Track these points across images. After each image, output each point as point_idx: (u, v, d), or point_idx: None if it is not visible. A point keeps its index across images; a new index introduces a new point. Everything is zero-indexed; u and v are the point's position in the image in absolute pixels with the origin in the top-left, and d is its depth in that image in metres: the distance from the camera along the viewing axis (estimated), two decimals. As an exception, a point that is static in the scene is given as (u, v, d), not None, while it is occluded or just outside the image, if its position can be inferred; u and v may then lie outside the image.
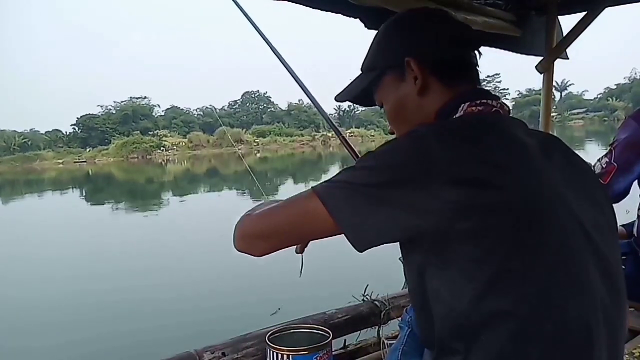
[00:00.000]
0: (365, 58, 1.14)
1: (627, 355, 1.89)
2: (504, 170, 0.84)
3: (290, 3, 1.97)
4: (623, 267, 2.20)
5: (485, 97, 0.99)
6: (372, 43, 1.12)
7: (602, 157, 2.14)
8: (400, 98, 1.06)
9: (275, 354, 1.63)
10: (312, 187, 0.92)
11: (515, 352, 0.83)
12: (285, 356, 1.62)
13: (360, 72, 1.15)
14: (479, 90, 1.02)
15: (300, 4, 2.03)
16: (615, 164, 2.07)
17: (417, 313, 1.00)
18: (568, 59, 2.83)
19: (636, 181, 2.19)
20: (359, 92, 1.15)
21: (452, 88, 1.01)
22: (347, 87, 1.18)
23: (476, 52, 1.08)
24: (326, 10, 2.09)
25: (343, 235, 0.88)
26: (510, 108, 1.04)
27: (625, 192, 2.14)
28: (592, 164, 2.14)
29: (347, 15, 2.12)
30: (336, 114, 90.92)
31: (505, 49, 2.74)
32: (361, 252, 0.88)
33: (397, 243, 0.93)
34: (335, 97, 1.20)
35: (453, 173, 0.81)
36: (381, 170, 0.85)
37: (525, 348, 0.83)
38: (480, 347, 0.84)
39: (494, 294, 0.82)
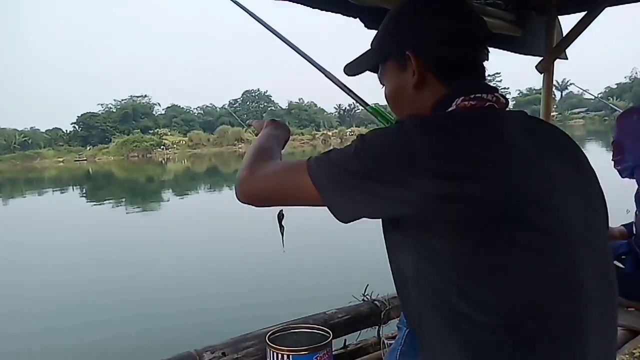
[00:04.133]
0: (376, 35, 1.13)
1: (627, 355, 1.89)
2: (484, 165, 0.84)
3: (290, 3, 1.96)
4: (623, 266, 2.22)
5: (480, 91, 0.97)
6: (382, 23, 1.12)
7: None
8: (398, 86, 1.07)
9: (275, 354, 1.63)
10: (307, 159, 0.97)
11: (501, 348, 0.84)
12: (285, 356, 1.63)
13: (370, 47, 1.15)
14: (475, 84, 1.00)
15: (301, 3, 2.03)
16: (613, 156, 2.32)
17: (398, 291, 1.03)
18: (568, 59, 2.82)
19: (635, 180, 2.21)
20: (364, 69, 1.16)
21: (449, 84, 1.01)
22: (355, 61, 1.18)
23: (484, 48, 1.06)
24: (326, 10, 2.08)
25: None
26: (509, 100, 1.04)
27: (628, 173, 2.30)
28: None
29: (347, 15, 2.12)
30: (336, 113, 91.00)
31: (505, 49, 2.74)
32: (345, 223, 0.95)
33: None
34: (345, 70, 1.20)
35: (432, 166, 0.83)
36: (366, 161, 0.88)
37: (511, 344, 0.84)
38: (462, 339, 0.86)
39: (476, 286, 0.84)
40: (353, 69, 1.18)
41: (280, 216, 1.47)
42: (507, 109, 1.02)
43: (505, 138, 0.90)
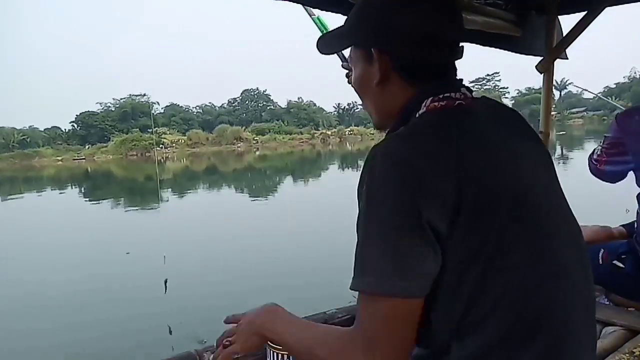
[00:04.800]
0: (347, 18, 1.07)
1: (627, 354, 1.89)
2: (478, 172, 0.85)
3: (290, 3, 1.96)
4: (622, 266, 2.23)
5: (447, 90, 0.95)
6: (354, 9, 1.07)
7: (601, 142, 2.31)
8: (364, 77, 1.04)
9: (275, 354, 1.63)
10: (353, 288, 0.86)
11: (501, 342, 0.85)
12: (285, 356, 1.62)
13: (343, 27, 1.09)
14: (442, 84, 0.97)
15: (301, 3, 2.03)
16: (605, 156, 2.26)
17: None
18: (568, 59, 2.82)
19: (634, 180, 2.20)
20: (337, 50, 1.13)
21: (415, 85, 0.98)
22: (328, 38, 1.13)
23: (457, 48, 1.02)
24: (326, 10, 2.08)
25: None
26: (473, 91, 1.01)
27: (617, 177, 2.30)
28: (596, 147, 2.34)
29: (347, 15, 2.12)
30: (335, 112, 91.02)
31: (505, 49, 2.74)
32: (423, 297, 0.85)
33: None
34: (318, 46, 1.13)
35: (436, 189, 0.82)
36: (385, 220, 0.83)
37: (509, 336, 0.85)
38: (469, 340, 0.86)
39: (483, 292, 0.84)
40: (326, 47, 1.13)
41: None
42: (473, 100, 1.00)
43: (480, 134, 0.92)
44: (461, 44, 1.03)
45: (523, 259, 0.86)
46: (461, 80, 1.01)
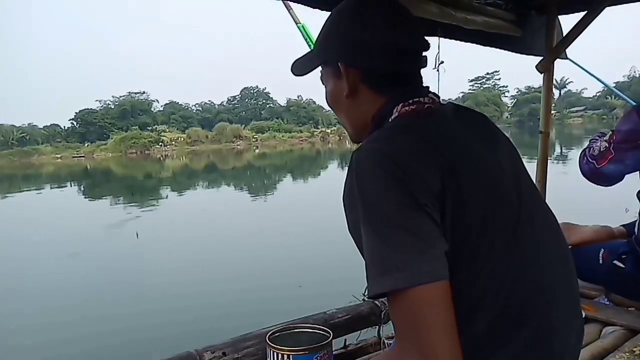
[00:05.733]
0: (317, 37, 1.12)
1: (627, 354, 1.90)
2: (455, 166, 0.87)
3: (290, 3, 1.96)
4: (623, 266, 2.22)
5: (416, 95, 1.00)
6: (322, 27, 1.10)
7: (603, 138, 2.16)
8: (334, 92, 1.09)
9: (275, 353, 1.63)
10: (382, 291, 0.83)
11: (488, 333, 0.87)
12: (285, 356, 1.62)
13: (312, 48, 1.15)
14: (411, 90, 1.01)
15: (301, 3, 2.03)
16: (612, 152, 2.09)
17: None
18: (567, 59, 2.83)
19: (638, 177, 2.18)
20: (308, 70, 1.14)
21: (384, 94, 1.02)
22: (300, 61, 1.16)
23: (421, 58, 1.06)
24: (326, 10, 2.08)
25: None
26: (440, 97, 1.06)
27: (613, 181, 2.16)
28: (592, 140, 2.21)
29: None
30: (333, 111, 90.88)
31: (505, 49, 2.74)
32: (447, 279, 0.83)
33: None
34: (292, 69, 1.17)
35: (424, 180, 0.84)
36: (387, 214, 0.83)
37: (495, 327, 0.87)
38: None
39: (470, 283, 0.87)
40: (299, 69, 1.16)
41: None
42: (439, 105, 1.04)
43: (452, 133, 0.96)
44: (424, 53, 1.06)
45: (506, 249, 0.89)
46: (428, 87, 1.05)
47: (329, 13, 1.10)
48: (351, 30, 1.02)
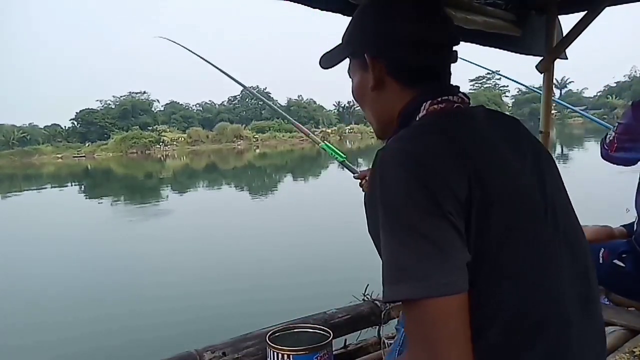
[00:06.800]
0: (346, 29, 1.11)
1: (627, 354, 1.90)
2: (483, 172, 0.84)
3: (290, 3, 1.96)
4: (623, 265, 2.23)
5: (446, 93, 0.97)
6: (351, 19, 1.09)
7: (614, 128, 2.35)
8: (361, 85, 1.06)
9: (275, 353, 1.63)
10: (398, 299, 0.83)
11: (502, 347, 0.84)
12: (285, 356, 1.63)
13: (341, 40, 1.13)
14: (441, 87, 0.99)
15: (300, 3, 2.02)
16: (616, 142, 2.30)
17: None
18: (567, 59, 2.83)
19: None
20: (335, 63, 1.13)
21: (412, 88, 0.99)
22: (328, 54, 1.14)
23: (451, 52, 1.03)
24: (326, 10, 2.08)
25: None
26: (470, 98, 1.04)
27: (627, 163, 2.36)
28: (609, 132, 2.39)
29: (347, 15, 2.12)
30: (335, 110, 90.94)
31: (505, 49, 2.74)
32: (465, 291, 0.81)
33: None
34: (320, 63, 1.15)
35: (450, 185, 0.81)
36: (408, 220, 0.81)
37: (510, 341, 0.84)
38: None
39: (488, 295, 0.83)
40: (327, 62, 1.14)
41: None
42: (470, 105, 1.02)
43: (481, 136, 0.92)
44: (454, 48, 1.04)
45: (528, 261, 0.86)
46: (458, 86, 1.02)
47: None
48: (379, 21, 1.00)
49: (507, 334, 0.84)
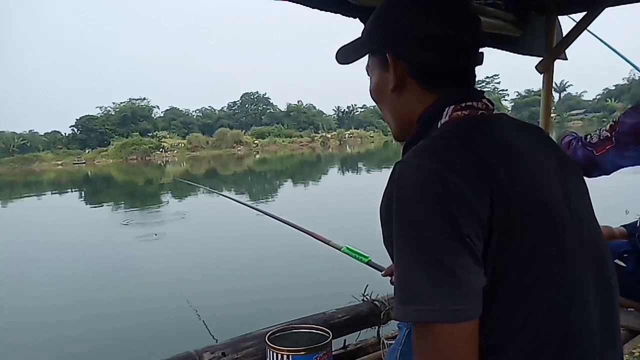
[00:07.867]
0: (365, 26, 1.05)
1: (627, 355, 1.89)
2: (507, 187, 0.81)
3: (290, 3, 1.96)
4: (624, 265, 2.21)
5: (470, 98, 0.93)
6: (372, 15, 1.04)
7: (602, 128, 2.05)
8: (380, 84, 1.01)
9: (275, 354, 1.63)
10: (408, 319, 0.82)
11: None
12: (285, 356, 1.62)
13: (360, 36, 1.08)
14: (464, 92, 0.95)
15: (300, 3, 2.02)
16: (614, 142, 1.97)
17: None
18: (567, 59, 2.82)
19: None
20: (353, 59, 1.08)
21: (434, 91, 0.95)
22: (346, 49, 1.09)
23: (477, 54, 0.98)
24: (326, 10, 2.08)
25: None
26: (494, 103, 0.98)
27: (609, 171, 2.04)
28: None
29: (347, 15, 2.12)
30: (335, 115, 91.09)
31: (505, 49, 2.73)
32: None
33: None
34: (336, 57, 1.09)
35: (471, 205, 0.78)
36: (424, 239, 0.78)
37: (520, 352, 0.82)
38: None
39: (511, 313, 0.82)
40: (344, 57, 1.09)
41: None
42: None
43: (507, 146, 0.88)
44: (480, 49, 0.99)
45: (551, 283, 0.83)
46: (482, 91, 0.97)
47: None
48: (402, 19, 0.95)
49: (529, 352, 0.82)
